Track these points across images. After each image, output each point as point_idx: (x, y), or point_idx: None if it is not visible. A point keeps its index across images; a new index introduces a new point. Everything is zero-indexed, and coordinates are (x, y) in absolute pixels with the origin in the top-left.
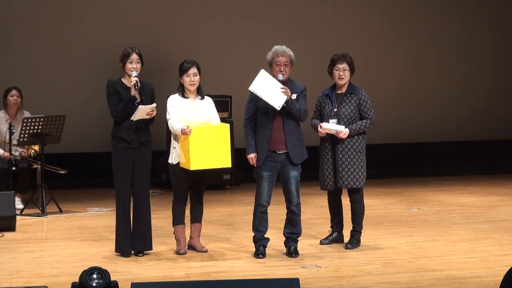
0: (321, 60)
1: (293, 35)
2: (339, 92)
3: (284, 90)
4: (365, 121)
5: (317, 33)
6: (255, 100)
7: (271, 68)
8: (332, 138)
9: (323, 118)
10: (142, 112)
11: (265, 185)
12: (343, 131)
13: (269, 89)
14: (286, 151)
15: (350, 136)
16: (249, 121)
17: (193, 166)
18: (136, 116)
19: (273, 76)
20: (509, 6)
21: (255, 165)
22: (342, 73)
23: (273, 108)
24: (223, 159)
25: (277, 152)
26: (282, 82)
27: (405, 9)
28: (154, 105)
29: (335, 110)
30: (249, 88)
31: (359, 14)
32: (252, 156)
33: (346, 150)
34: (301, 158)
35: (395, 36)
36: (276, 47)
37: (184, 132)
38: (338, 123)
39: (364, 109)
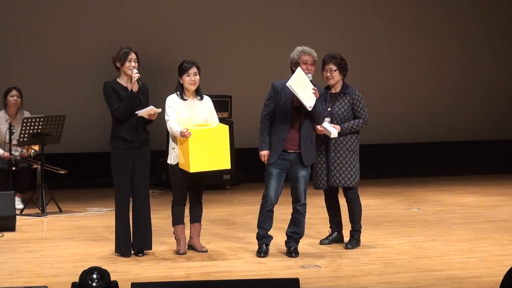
0: (319, 60)
1: (292, 35)
2: (333, 92)
3: (314, 91)
4: (357, 120)
5: (316, 33)
6: (275, 98)
7: (296, 67)
8: (326, 138)
9: None
10: (148, 111)
11: (273, 183)
12: (333, 133)
13: (303, 88)
14: (297, 151)
15: (342, 135)
16: (267, 118)
17: (193, 169)
18: (141, 112)
19: None
20: (504, 6)
21: (266, 163)
22: (330, 73)
23: (293, 108)
24: (222, 161)
25: (288, 151)
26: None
27: (399, 9)
28: (160, 110)
29: (329, 109)
30: (287, 84)
31: (355, 15)
32: (265, 153)
33: (339, 149)
34: (311, 160)
35: (395, 36)
36: (300, 47)
37: (184, 135)
38: (332, 122)
39: (357, 108)
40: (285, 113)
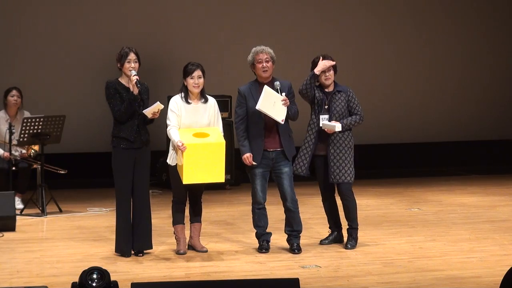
0: (308, 60)
1: (292, 35)
2: (327, 90)
3: (284, 101)
4: (355, 116)
5: (316, 34)
6: (244, 103)
7: (254, 68)
8: (323, 134)
9: (314, 111)
10: (153, 108)
11: (258, 182)
12: (338, 127)
13: (273, 104)
14: (278, 149)
15: (342, 131)
16: (241, 123)
17: (185, 181)
18: (147, 111)
19: (258, 74)
20: (504, 7)
21: (252, 164)
22: (328, 73)
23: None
24: (216, 175)
25: (268, 150)
26: (270, 83)
27: (400, 10)
28: (162, 106)
29: (326, 107)
30: (256, 107)
31: (355, 15)
32: (247, 156)
33: (338, 145)
34: (292, 153)
35: (396, 37)
36: (254, 48)
37: (179, 148)
38: (330, 119)
39: (352, 105)
40: (258, 115)
